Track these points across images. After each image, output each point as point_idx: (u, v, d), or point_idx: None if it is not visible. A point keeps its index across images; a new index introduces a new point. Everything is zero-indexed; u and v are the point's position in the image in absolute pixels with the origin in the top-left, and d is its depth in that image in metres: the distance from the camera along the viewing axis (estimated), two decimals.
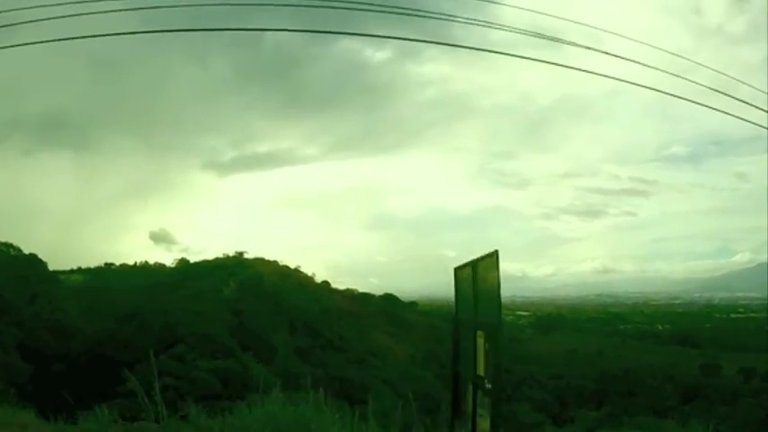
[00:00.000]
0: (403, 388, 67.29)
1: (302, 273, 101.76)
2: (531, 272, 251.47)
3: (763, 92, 9.40)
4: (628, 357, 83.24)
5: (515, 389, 65.45)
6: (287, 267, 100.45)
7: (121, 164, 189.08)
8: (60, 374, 46.97)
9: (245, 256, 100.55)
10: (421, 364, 77.57)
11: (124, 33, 12.84)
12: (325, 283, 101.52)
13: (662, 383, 68.48)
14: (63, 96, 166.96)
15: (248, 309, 72.90)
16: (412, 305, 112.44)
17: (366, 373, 65.39)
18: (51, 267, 79.32)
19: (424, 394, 64.83)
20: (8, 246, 75.32)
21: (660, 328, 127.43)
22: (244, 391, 42.04)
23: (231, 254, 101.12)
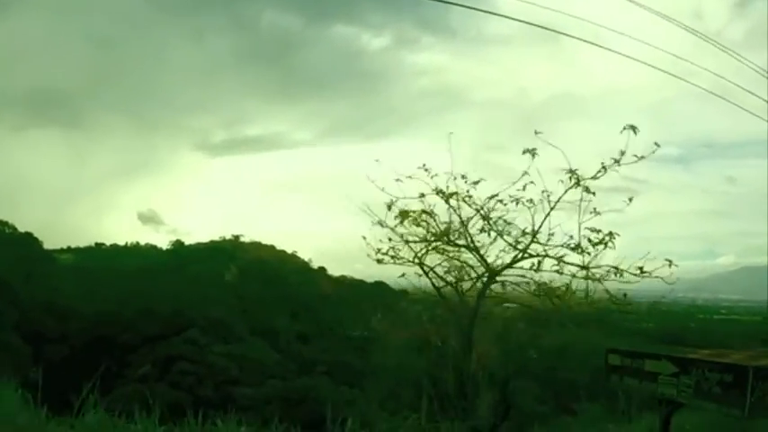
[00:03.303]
0: (402, 375, 67.57)
1: (299, 258, 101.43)
2: (516, 264, 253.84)
3: (761, 98, 9.36)
4: None
5: (512, 381, 65.76)
6: (284, 252, 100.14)
7: (111, 142, 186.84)
8: (62, 356, 46.18)
9: (242, 239, 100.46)
10: (417, 353, 77.49)
11: None
12: (322, 269, 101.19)
13: None
14: (55, 73, 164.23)
15: (250, 293, 72.48)
16: (403, 293, 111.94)
17: (366, 359, 65.26)
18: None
19: (421, 382, 65.25)
20: (3, 224, 73.86)
21: (645, 326, 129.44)
22: (260, 376, 41.92)
23: (226, 237, 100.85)
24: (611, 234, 7.55)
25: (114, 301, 59.17)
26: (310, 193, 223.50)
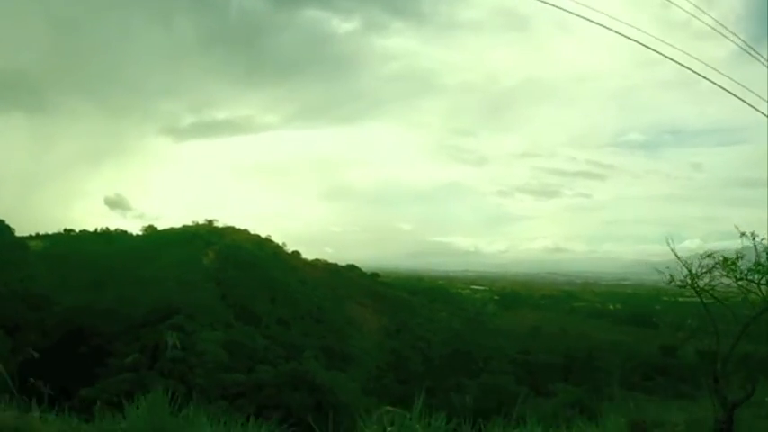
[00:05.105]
0: (380, 358, 68.51)
1: (274, 242, 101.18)
2: (483, 247, 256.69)
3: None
4: (590, 335, 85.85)
5: (486, 362, 67.10)
6: (258, 236, 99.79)
7: (77, 127, 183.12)
8: (41, 347, 45.44)
9: (216, 224, 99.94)
10: (394, 335, 78.52)
11: None
12: (296, 253, 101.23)
13: (624, 361, 70.96)
14: (19, 57, 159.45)
15: (230, 278, 72.27)
16: (374, 276, 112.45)
17: (345, 342, 65.99)
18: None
19: (399, 365, 65.88)
20: None
21: (612, 307, 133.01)
22: (250, 362, 42.10)
23: (199, 221, 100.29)
24: None
25: (91, 289, 58.43)
26: (279, 176, 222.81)
